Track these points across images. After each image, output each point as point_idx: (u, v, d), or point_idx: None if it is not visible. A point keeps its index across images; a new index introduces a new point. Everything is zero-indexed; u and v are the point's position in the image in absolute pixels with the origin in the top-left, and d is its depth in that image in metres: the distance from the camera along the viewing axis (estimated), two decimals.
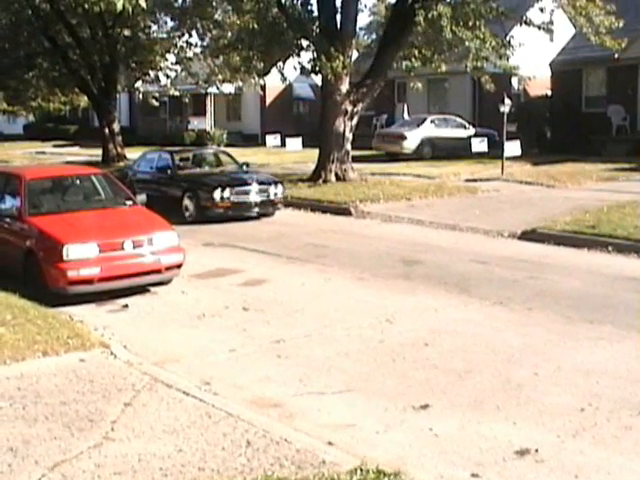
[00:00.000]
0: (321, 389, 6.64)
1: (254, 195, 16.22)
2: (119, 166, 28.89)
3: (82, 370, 6.93)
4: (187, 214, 16.25)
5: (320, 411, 6.18)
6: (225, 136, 40.04)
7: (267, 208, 16.56)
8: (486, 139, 23.88)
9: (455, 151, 27.45)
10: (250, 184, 16.29)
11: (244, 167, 18.00)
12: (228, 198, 15.93)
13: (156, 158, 18.13)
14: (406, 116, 33.21)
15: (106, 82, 30.79)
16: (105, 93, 30.93)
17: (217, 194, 15.87)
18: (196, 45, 30.81)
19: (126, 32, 30.28)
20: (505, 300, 9.45)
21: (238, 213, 16.09)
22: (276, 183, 16.77)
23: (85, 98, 35.05)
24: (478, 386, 6.64)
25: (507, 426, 5.83)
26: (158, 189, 17.05)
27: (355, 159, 22.65)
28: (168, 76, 33.77)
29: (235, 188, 16.07)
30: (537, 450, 5.42)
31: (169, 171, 17.09)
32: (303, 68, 21.42)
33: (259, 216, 16.38)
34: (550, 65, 29.38)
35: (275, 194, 16.55)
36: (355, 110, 21.03)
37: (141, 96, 38.11)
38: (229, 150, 22.99)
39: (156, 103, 37.14)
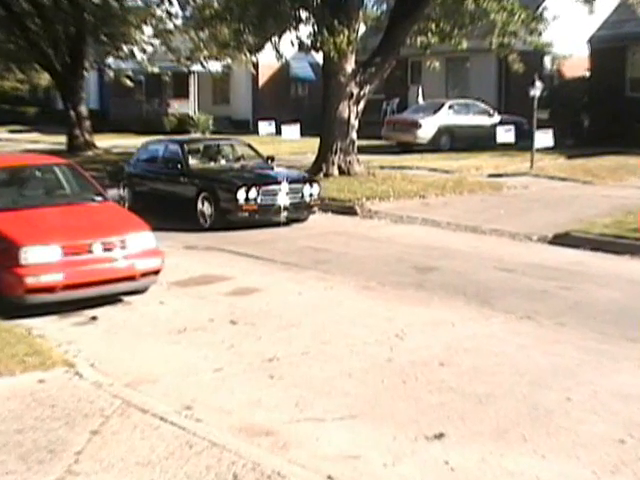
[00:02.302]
0: (320, 415, 6.67)
1: (284, 196, 15.40)
2: (88, 155, 28.98)
3: (42, 393, 6.94)
4: (203, 219, 15.49)
5: (319, 440, 6.22)
6: (211, 122, 40.08)
7: (300, 212, 15.88)
8: (513, 128, 23.89)
9: (477, 141, 27.46)
10: (280, 182, 15.50)
11: (269, 161, 17.29)
12: (254, 199, 15.11)
13: (161, 149, 17.39)
14: (421, 100, 33.28)
15: (72, 57, 30.80)
16: (71, 70, 30.93)
17: (241, 194, 15.01)
18: (177, 16, 30.87)
19: None
20: (533, 314, 9.50)
21: (266, 217, 15.40)
22: (311, 182, 16.12)
23: (47, 76, 35.12)
24: (501, 413, 6.67)
25: (535, 459, 5.86)
26: (165, 188, 16.60)
27: (361, 150, 22.69)
28: (145, 51, 33.77)
29: (262, 187, 15.26)
30: None
31: (179, 165, 16.25)
32: (302, 44, 21.46)
33: (289, 222, 15.62)
34: (589, 42, 29.40)
35: (310, 195, 15.82)
36: (362, 93, 21.08)
37: (113, 75, 38.12)
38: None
39: (130, 83, 37.14)
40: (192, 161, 16.68)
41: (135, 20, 31.48)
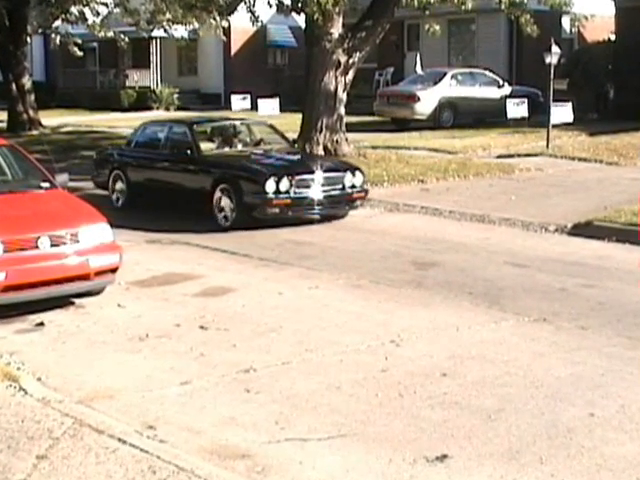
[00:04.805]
0: (304, 434, 6.68)
1: (319, 188, 14.90)
2: (33, 135, 28.81)
3: None
4: (221, 216, 14.87)
5: (302, 464, 6.22)
6: (176, 96, 40.00)
7: (340, 206, 15.44)
8: (526, 101, 23.96)
9: (484, 117, 27.56)
10: (314, 171, 15.12)
11: (297, 145, 16.89)
12: (287, 192, 14.54)
13: (165, 132, 17.01)
14: (419, 70, 33.29)
15: (12, 21, 30.61)
16: (11, 36, 30.77)
17: (271, 186, 14.39)
18: None
19: None
20: (550, 316, 9.53)
21: (299, 214, 14.85)
22: (353, 170, 15.52)
23: None
24: (514, 430, 6.69)
25: None
26: (171, 179, 16.16)
27: (351, 127, 22.68)
28: (98, 14, 33.59)
29: (296, 177, 14.76)
30: None
31: (189, 151, 15.83)
32: (280, 4, 21.43)
33: (324, 219, 15.10)
34: None
35: (352, 186, 15.25)
36: (351, 62, 21.06)
37: (59, 41, 37.89)
38: (181, 115, 22.92)
39: (79, 52, 36.77)
40: (204, 145, 16.27)
41: None
